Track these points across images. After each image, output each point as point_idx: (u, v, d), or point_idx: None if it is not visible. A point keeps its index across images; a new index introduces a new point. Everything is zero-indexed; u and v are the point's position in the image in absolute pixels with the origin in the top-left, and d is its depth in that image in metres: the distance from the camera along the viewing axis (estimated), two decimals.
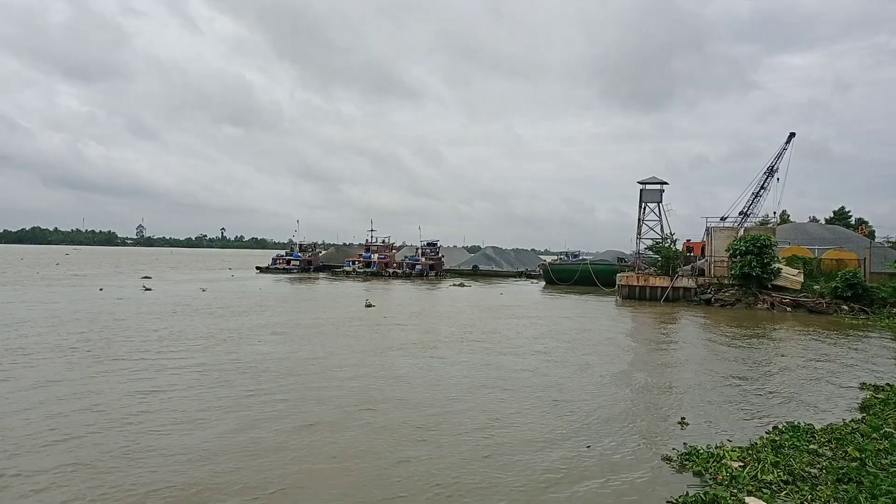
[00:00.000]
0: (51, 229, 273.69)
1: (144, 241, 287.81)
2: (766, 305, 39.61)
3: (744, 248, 41.19)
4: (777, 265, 41.36)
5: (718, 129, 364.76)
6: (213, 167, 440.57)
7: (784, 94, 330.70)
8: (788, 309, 38.65)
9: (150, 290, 43.19)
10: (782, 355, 21.83)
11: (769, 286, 40.88)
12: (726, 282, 43.10)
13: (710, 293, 42.89)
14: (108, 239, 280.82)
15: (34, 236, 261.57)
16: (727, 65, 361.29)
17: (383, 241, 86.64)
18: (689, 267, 48.81)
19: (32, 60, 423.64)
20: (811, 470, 9.21)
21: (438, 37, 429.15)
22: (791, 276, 41.01)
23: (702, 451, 10.30)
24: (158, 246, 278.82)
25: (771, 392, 15.81)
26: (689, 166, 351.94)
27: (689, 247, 56.61)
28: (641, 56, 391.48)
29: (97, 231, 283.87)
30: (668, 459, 10.19)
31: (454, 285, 61.31)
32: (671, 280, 45.01)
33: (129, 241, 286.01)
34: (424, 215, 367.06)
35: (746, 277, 41.00)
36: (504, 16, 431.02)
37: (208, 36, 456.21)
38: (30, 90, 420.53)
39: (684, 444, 10.92)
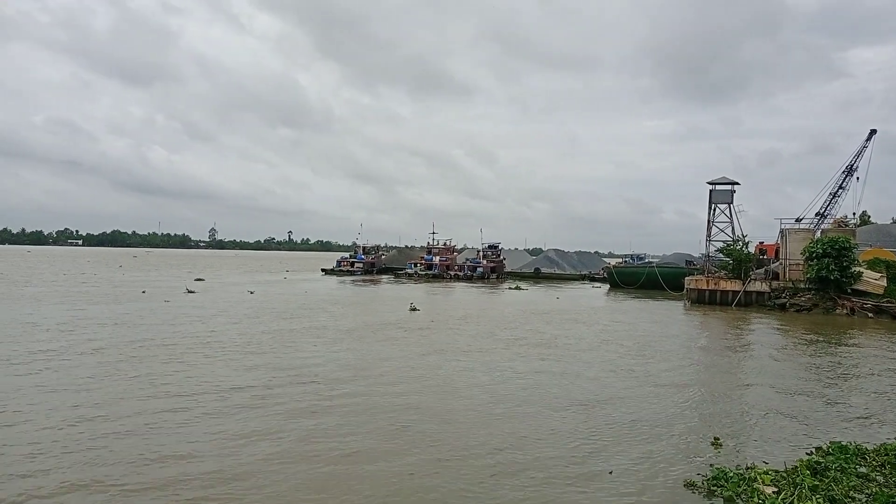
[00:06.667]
0: (129, 233, 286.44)
1: (216, 244, 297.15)
2: (845, 311, 37.08)
3: (821, 251, 38.75)
4: (857, 269, 38.64)
5: (791, 124, 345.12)
6: (270, 170, 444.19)
7: (863, 87, 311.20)
8: (870, 315, 35.93)
9: (193, 292, 43.22)
10: (856, 366, 19.88)
11: (849, 291, 38.21)
12: (802, 286, 40.70)
13: (784, 297, 40.73)
14: (183, 242, 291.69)
15: (114, 239, 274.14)
16: (804, 52, 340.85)
17: (445, 244, 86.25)
18: (762, 270, 46.29)
19: (88, 66, 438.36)
20: (857, 496, 8.00)
21: (482, 28, 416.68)
22: (873, 281, 38.13)
23: (731, 474, 9.02)
24: (229, 249, 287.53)
25: (832, 408, 14.22)
26: (758, 164, 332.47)
27: (762, 249, 53.67)
28: (706, 44, 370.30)
29: (172, 234, 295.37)
30: (691, 485, 8.94)
31: (510, 288, 60.08)
32: (743, 284, 42.79)
33: (202, 245, 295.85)
34: (482, 217, 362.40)
35: (823, 281, 38.59)
36: (551, 1, 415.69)
37: (250, 34, 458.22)
38: (89, 95, 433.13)
39: (711, 465, 9.64)
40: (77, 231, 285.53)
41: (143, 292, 42.23)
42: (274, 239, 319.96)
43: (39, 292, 39.54)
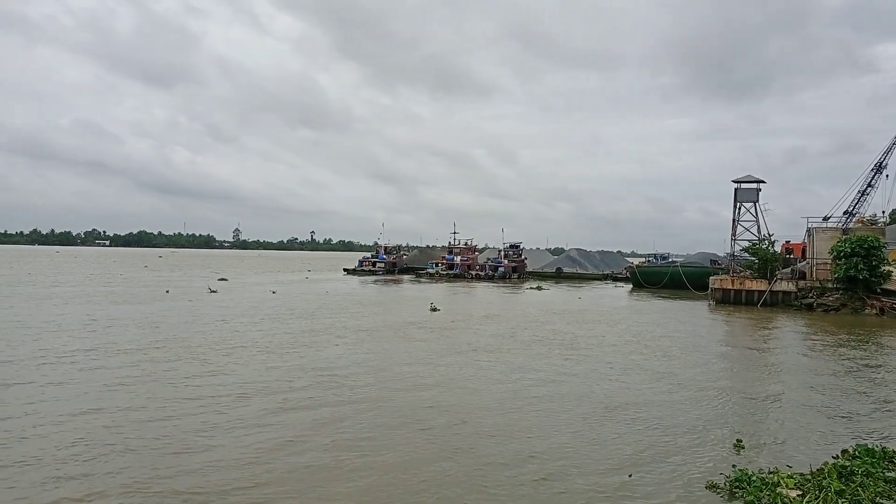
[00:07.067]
0: (155, 233, 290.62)
1: (240, 245, 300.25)
2: (874, 311, 36.34)
3: (849, 250, 38.01)
4: (887, 268, 37.88)
5: (817, 121, 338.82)
6: (292, 170, 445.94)
7: (892, 82, 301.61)
8: None
9: (215, 292, 43.59)
10: (886, 368, 19.41)
11: (878, 290, 37.50)
12: (830, 285, 39.92)
13: (811, 297, 39.96)
14: (207, 242, 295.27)
15: (141, 240, 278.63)
16: (830, 48, 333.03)
17: (466, 244, 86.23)
18: (788, 270, 45.55)
19: (112, 68, 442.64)
20: (885, 502, 7.78)
21: (502, 26, 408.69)
22: None
23: (754, 477, 8.83)
24: (253, 249, 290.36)
25: (860, 411, 13.83)
26: (784, 162, 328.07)
27: (788, 248, 52.89)
28: (729, 40, 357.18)
29: (197, 235, 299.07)
30: (713, 487, 8.78)
31: (531, 288, 59.84)
32: (769, 283, 42.11)
33: (226, 245, 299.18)
34: (503, 217, 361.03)
35: (852, 281, 37.90)
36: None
37: (271, 35, 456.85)
38: (113, 97, 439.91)
39: (733, 466, 9.46)
40: (104, 232, 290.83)
41: (167, 292, 42.72)
42: (297, 239, 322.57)
43: (66, 292, 40.16)
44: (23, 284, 46.71)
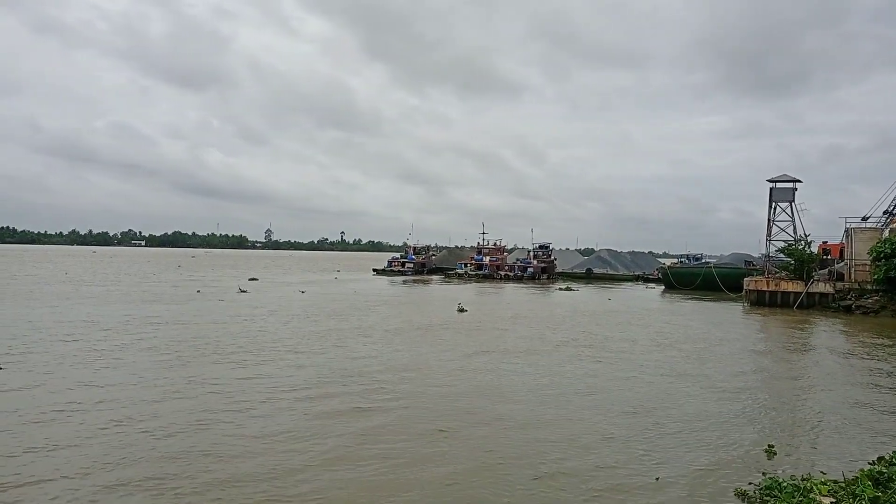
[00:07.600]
0: (189, 234, 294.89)
1: (272, 245, 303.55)
2: None
3: (889, 251, 36.94)
4: None
5: (856, 118, 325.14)
6: (322, 171, 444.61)
7: None
8: None
9: (245, 292, 44.03)
10: None
11: None
12: (869, 287, 38.90)
13: (850, 299, 39.01)
14: (240, 242, 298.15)
15: (175, 240, 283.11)
16: (870, 43, 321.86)
17: (495, 244, 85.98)
18: (825, 271, 44.54)
19: (146, 71, 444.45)
20: None
21: (530, 25, 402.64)
22: None
23: (785, 484, 8.54)
24: (284, 249, 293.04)
25: None
26: (821, 160, 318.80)
27: (825, 249, 51.69)
28: (764, 36, 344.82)
29: (230, 235, 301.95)
30: (742, 495, 8.53)
31: (560, 289, 59.44)
32: (805, 285, 41.19)
33: (258, 245, 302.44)
34: (532, 217, 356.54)
35: (892, 282, 36.82)
36: None
37: (301, 38, 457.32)
38: (147, 100, 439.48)
39: (763, 474, 9.18)
40: (140, 232, 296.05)
41: (198, 292, 43.30)
42: (327, 239, 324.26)
43: (102, 292, 40.96)
44: (60, 283, 47.78)
